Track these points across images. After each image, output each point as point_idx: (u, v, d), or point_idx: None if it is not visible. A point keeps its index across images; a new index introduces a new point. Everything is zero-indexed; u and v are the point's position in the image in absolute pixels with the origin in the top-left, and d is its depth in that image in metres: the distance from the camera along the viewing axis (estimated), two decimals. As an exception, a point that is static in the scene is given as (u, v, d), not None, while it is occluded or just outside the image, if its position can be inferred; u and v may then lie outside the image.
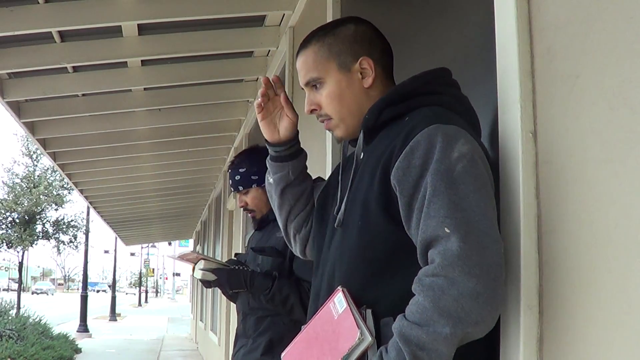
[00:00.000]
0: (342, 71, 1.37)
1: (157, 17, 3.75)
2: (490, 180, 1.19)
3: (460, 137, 1.17)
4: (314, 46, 1.41)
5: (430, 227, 1.11)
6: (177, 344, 15.49)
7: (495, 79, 1.32)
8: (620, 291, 0.98)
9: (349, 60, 1.37)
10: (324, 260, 1.39)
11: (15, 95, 4.64)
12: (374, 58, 1.38)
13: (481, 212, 1.11)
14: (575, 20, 1.12)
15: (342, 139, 1.43)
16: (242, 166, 2.37)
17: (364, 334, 1.16)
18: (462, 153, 1.15)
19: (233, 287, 2.26)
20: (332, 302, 1.25)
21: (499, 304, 1.09)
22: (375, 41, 1.40)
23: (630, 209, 0.97)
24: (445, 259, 1.07)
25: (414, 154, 1.17)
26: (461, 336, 1.06)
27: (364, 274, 1.25)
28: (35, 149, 20.66)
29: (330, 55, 1.38)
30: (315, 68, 1.40)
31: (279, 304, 2.18)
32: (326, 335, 1.24)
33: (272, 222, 2.34)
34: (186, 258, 2.33)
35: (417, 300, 1.10)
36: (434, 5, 1.92)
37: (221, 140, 6.93)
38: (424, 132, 1.18)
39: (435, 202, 1.12)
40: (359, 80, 1.37)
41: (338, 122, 1.40)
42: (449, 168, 1.13)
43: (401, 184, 1.18)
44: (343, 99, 1.38)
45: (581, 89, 1.09)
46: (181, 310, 33.40)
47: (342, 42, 1.38)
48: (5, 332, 10.43)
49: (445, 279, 1.06)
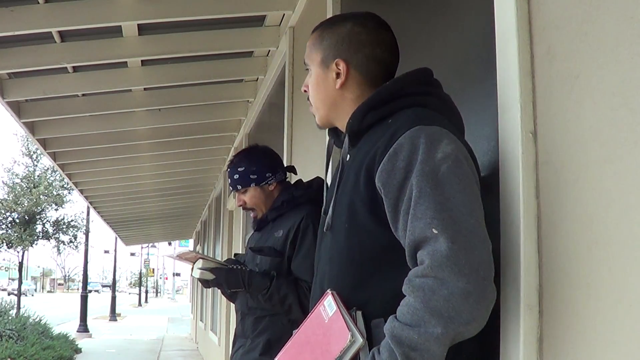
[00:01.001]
0: (321, 66, 1.42)
1: (157, 17, 3.75)
2: (476, 179, 1.19)
3: (444, 138, 1.18)
4: (316, 33, 1.46)
5: (418, 229, 1.12)
6: (177, 344, 15.49)
7: (495, 79, 1.32)
8: (620, 291, 0.98)
9: (329, 58, 1.40)
10: (316, 264, 1.42)
11: (15, 95, 4.65)
12: (353, 62, 1.38)
13: (468, 212, 1.11)
14: (575, 20, 1.12)
15: (319, 126, 1.49)
16: (241, 165, 2.37)
17: (355, 336, 1.16)
18: (446, 153, 1.15)
19: (231, 287, 2.26)
20: (322, 306, 1.25)
21: (490, 303, 1.09)
22: (362, 46, 1.38)
23: (630, 209, 0.97)
24: (435, 260, 1.08)
25: (397, 156, 1.18)
26: (453, 336, 1.07)
27: (353, 276, 1.26)
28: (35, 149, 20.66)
29: (320, 48, 1.43)
30: (308, 55, 1.46)
31: (277, 303, 2.18)
32: (317, 339, 1.24)
33: (271, 223, 2.34)
34: (185, 257, 2.33)
35: (408, 301, 1.10)
36: (434, 5, 1.92)
37: (221, 140, 6.93)
38: (407, 134, 1.19)
39: (422, 203, 1.12)
40: (333, 80, 1.40)
41: (315, 109, 1.46)
42: (434, 169, 1.14)
43: (386, 186, 1.19)
44: (319, 91, 1.43)
45: (581, 89, 1.09)
46: (181, 310, 33.41)
47: (331, 39, 1.41)
48: (5, 332, 10.43)
49: (435, 280, 1.07)
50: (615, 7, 1.02)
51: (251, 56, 4.80)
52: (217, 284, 2.27)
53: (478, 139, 1.55)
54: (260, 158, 2.40)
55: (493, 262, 1.10)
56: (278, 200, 2.33)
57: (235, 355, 2.36)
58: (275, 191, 2.37)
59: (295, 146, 3.71)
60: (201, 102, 5.56)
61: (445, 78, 1.78)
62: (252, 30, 4.28)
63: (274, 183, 2.36)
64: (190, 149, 6.97)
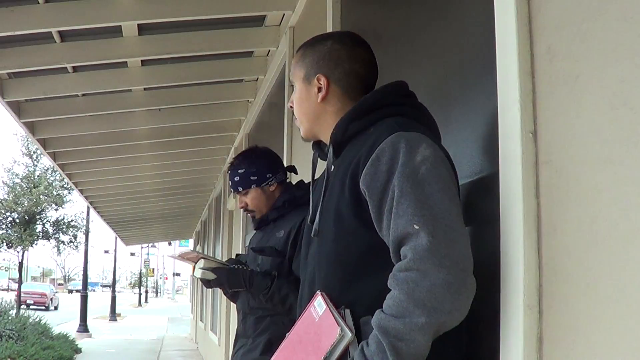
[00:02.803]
0: (304, 82, 1.52)
1: (157, 17, 3.75)
2: (453, 180, 1.29)
3: (422, 142, 1.26)
4: (299, 52, 1.56)
5: (400, 226, 1.19)
6: (177, 344, 15.49)
7: (495, 79, 1.32)
8: (620, 291, 0.98)
9: (311, 74, 1.50)
10: (303, 269, 1.49)
11: (15, 95, 4.65)
12: (333, 77, 1.48)
13: (446, 209, 1.18)
14: (575, 20, 1.12)
15: (303, 138, 1.58)
16: (241, 167, 2.38)
17: (344, 331, 1.22)
18: (425, 156, 1.23)
19: (232, 287, 2.26)
20: (312, 306, 1.31)
21: (470, 293, 1.15)
22: (342, 62, 1.48)
23: (630, 209, 0.97)
24: (417, 254, 1.14)
25: (380, 160, 1.26)
26: (437, 325, 1.13)
27: (341, 277, 1.32)
28: (35, 149, 20.67)
29: (303, 65, 1.53)
30: (293, 73, 1.56)
31: (277, 303, 2.19)
32: (309, 338, 1.30)
33: (273, 223, 2.35)
34: (186, 257, 2.33)
35: (393, 294, 1.16)
36: (434, 5, 1.92)
37: (221, 140, 6.93)
38: (388, 140, 1.27)
39: (403, 202, 1.20)
40: (315, 94, 1.49)
41: (300, 123, 1.56)
42: (414, 170, 1.22)
43: (370, 189, 1.26)
44: (302, 105, 1.53)
45: (581, 89, 1.09)
46: (181, 310, 33.41)
47: (312, 57, 1.51)
48: (5, 332, 10.43)
49: (417, 272, 1.13)
50: (615, 7, 1.02)
51: (251, 56, 4.80)
52: (219, 284, 2.27)
53: (478, 139, 1.55)
54: (260, 159, 2.40)
55: (472, 255, 1.17)
56: (279, 200, 2.33)
57: (236, 355, 2.36)
58: (276, 192, 2.37)
59: (295, 146, 3.71)
60: (201, 102, 5.57)
61: (446, 78, 1.79)
62: (252, 30, 4.28)
63: (274, 184, 2.36)
64: (190, 149, 6.98)
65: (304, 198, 2.27)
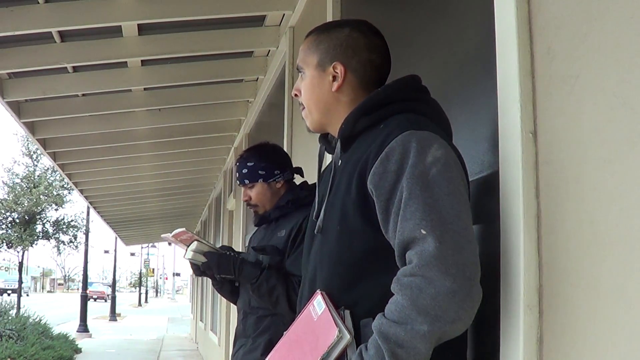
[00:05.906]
0: (318, 69, 1.43)
1: (157, 17, 3.75)
2: (464, 182, 1.23)
3: (434, 142, 1.21)
4: (311, 37, 1.48)
5: (407, 229, 1.14)
6: (177, 344, 15.49)
7: (495, 79, 1.32)
8: (620, 291, 0.98)
9: (326, 61, 1.42)
10: (305, 266, 1.45)
11: (15, 95, 4.65)
12: (350, 67, 1.41)
13: (455, 214, 1.14)
14: (575, 20, 1.12)
15: (309, 130, 1.50)
16: (251, 160, 2.37)
17: (343, 332, 1.19)
18: (436, 157, 1.19)
19: (221, 272, 2.24)
20: (311, 305, 1.29)
21: (475, 303, 1.11)
22: (360, 51, 1.41)
23: (630, 209, 0.97)
24: (423, 259, 1.10)
25: (389, 159, 1.21)
26: (439, 334, 1.09)
27: (344, 277, 1.28)
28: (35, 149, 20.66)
29: (316, 51, 1.44)
30: (303, 58, 1.47)
31: (265, 294, 2.17)
32: (306, 337, 1.27)
33: (274, 222, 2.34)
34: (180, 238, 2.31)
35: (396, 299, 1.13)
36: (434, 5, 1.92)
37: (221, 140, 6.94)
38: (399, 138, 1.22)
39: (411, 205, 1.15)
40: (330, 83, 1.42)
41: (308, 112, 1.47)
42: (424, 172, 1.17)
43: (378, 188, 1.22)
44: (313, 94, 1.44)
45: (581, 89, 1.09)
46: (181, 310, 33.40)
47: (329, 43, 1.43)
48: (5, 332, 10.42)
49: (422, 279, 1.09)
50: (615, 7, 1.02)
51: (251, 56, 4.80)
52: (208, 268, 2.25)
53: (478, 139, 1.55)
54: (270, 155, 2.40)
55: (479, 263, 1.13)
56: (283, 199, 2.33)
57: (236, 355, 2.36)
58: (282, 189, 2.37)
59: (295, 146, 3.71)
60: (201, 102, 5.57)
61: (446, 78, 1.79)
62: (252, 30, 4.28)
63: (281, 181, 2.36)
64: (190, 149, 6.98)
65: (307, 199, 2.26)
